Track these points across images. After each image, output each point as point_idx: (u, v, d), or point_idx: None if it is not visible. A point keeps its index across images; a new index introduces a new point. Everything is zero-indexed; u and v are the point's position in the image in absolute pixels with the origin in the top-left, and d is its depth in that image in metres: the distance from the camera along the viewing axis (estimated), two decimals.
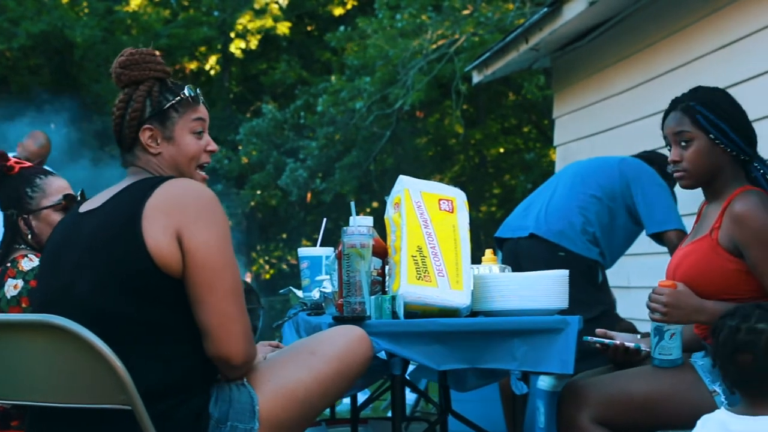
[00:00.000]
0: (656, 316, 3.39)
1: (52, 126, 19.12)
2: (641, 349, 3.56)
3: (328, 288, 3.61)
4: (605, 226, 5.23)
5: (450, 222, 3.40)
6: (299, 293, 4.09)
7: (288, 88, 24.00)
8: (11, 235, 3.72)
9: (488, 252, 3.90)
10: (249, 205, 22.97)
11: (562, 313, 3.37)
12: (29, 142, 8.41)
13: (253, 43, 24.51)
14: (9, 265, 3.58)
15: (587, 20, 7.67)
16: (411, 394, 6.77)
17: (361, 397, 5.42)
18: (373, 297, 3.23)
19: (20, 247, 3.70)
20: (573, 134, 8.75)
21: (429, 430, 3.97)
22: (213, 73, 25.90)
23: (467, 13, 17.78)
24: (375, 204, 20.63)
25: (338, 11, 24.86)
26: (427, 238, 3.33)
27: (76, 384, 2.66)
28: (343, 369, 2.96)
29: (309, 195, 21.81)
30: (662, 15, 7.10)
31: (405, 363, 3.31)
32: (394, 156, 21.73)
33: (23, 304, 3.47)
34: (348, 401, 5.26)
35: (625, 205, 5.24)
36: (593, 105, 8.32)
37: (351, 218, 3.39)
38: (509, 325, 3.24)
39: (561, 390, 3.54)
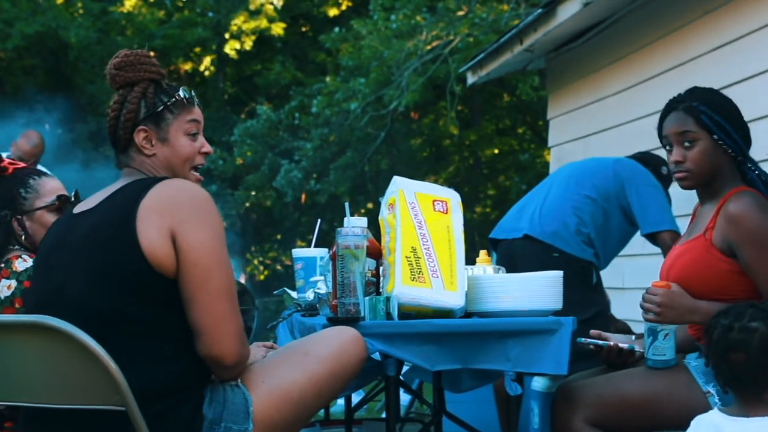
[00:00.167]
0: (650, 317, 3.40)
1: (47, 127, 19.09)
2: (635, 350, 3.56)
3: (323, 289, 3.61)
4: (599, 227, 5.24)
5: (444, 223, 3.40)
6: (293, 294, 4.08)
7: (282, 89, 24.00)
8: (5, 236, 3.71)
9: (482, 253, 3.90)
10: (243, 206, 22.96)
11: (557, 314, 3.37)
12: (22, 142, 8.39)
13: (248, 44, 24.51)
14: (3, 265, 3.57)
15: (582, 21, 7.67)
16: (405, 395, 6.77)
17: (356, 398, 5.43)
18: (367, 298, 3.23)
19: (14, 247, 3.69)
20: (567, 135, 8.75)
21: (423, 431, 3.97)
22: (207, 74, 25.90)
23: (462, 14, 17.80)
24: (370, 205, 20.64)
25: (333, 12, 24.87)
26: (421, 239, 3.33)
27: (70, 385, 2.66)
28: (337, 370, 2.96)
29: (303, 196, 21.80)
30: (656, 16, 7.10)
31: (399, 364, 3.32)
32: (388, 157, 21.73)
33: (17, 305, 3.46)
34: (342, 402, 5.26)
35: (620, 206, 5.24)
36: (588, 106, 8.32)
37: (345, 219, 3.39)
38: (503, 326, 3.24)
39: (555, 391, 3.55)
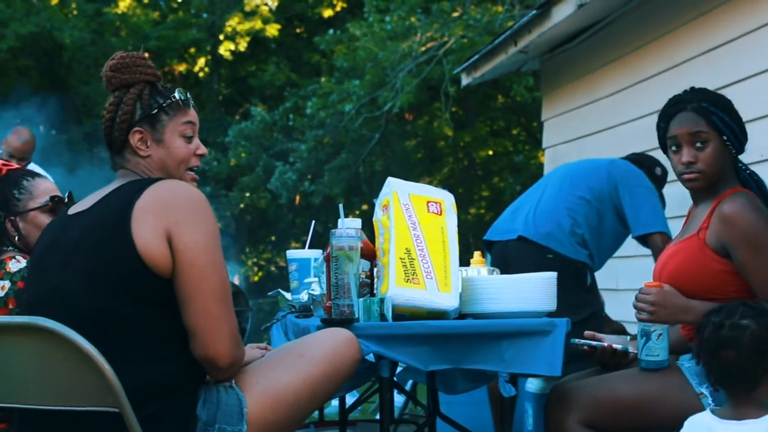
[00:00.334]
0: (643, 316, 3.40)
1: (41, 128, 19.05)
2: (629, 351, 3.57)
3: (317, 290, 3.61)
4: (594, 228, 5.24)
5: (438, 224, 3.40)
6: (288, 295, 4.08)
7: (277, 90, 23.99)
8: None
9: (477, 254, 3.90)
10: (238, 207, 22.95)
11: (551, 315, 3.37)
12: (13, 138, 8.36)
13: (242, 45, 24.50)
14: None
15: (576, 23, 7.68)
16: (399, 397, 6.76)
17: (350, 400, 5.42)
18: (361, 299, 3.23)
19: (7, 248, 3.68)
20: (562, 137, 8.76)
21: None
22: (202, 75, 25.89)
23: (456, 15, 17.80)
24: (365, 207, 20.63)
25: (327, 13, 24.86)
26: (415, 241, 3.33)
27: (64, 386, 2.66)
28: (331, 371, 2.96)
29: (298, 197, 21.79)
30: (650, 18, 7.11)
31: (393, 365, 3.31)
32: (383, 158, 21.73)
33: (10, 306, 3.46)
34: (336, 403, 5.26)
35: (614, 207, 5.24)
36: (582, 107, 8.33)
37: (339, 220, 3.39)
38: (497, 327, 3.24)
39: (549, 392, 3.55)
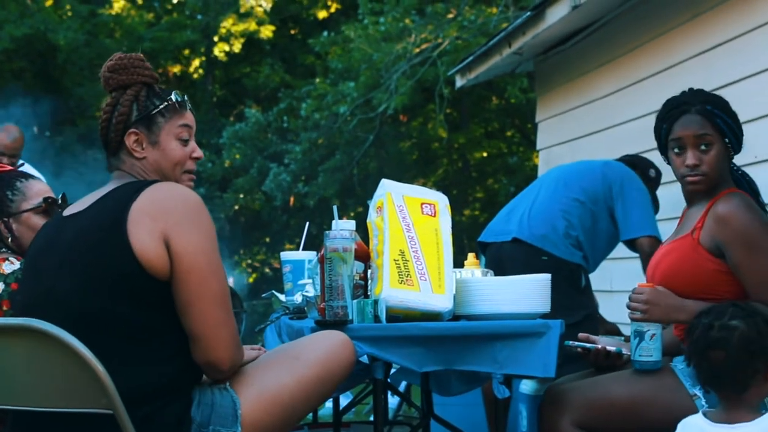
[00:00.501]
0: (636, 315, 3.41)
1: (35, 129, 19.03)
2: (622, 352, 3.57)
3: (311, 292, 3.61)
4: (588, 230, 5.23)
5: (432, 226, 3.40)
6: (282, 297, 4.08)
7: (271, 91, 23.98)
8: None
9: (471, 256, 3.90)
10: (232, 209, 22.94)
11: (545, 317, 3.37)
12: (2, 136, 8.34)
13: (237, 46, 24.49)
14: None
15: (570, 24, 7.68)
16: (393, 398, 6.76)
17: (344, 401, 5.42)
18: (355, 301, 3.23)
19: (1, 250, 3.68)
20: (556, 138, 8.76)
21: None
22: (196, 76, 25.86)
23: (451, 16, 17.81)
24: (360, 209, 20.62)
25: (322, 14, 24.86)
26: (409, 242, 3.33)
27: (58, 388, 2.66)
28: (325, 374, 2.96)
29: (292, 199, 21.78)
30: (645, 20, 7.12)
31: (387, 367, 3.32)
32: (377, 160, 21.73)
33: (4, 308, 3.45)
34: (330, 405, 5.26)
35: (608, 209, 5.24)
36: (576, 109, 8.33)
37: (333, 222, 3.39)
38: (491, 328, 3.25)
39: (543, 394, 3.55)
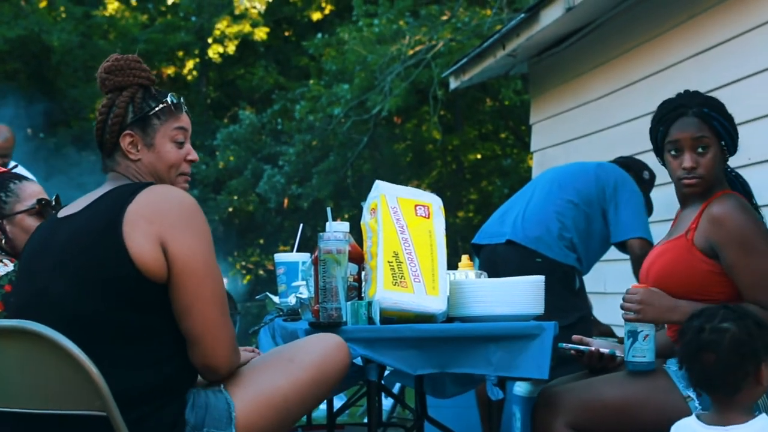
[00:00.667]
0: (630, 315, 3.41)
1: (29, 131, 19.00)
2: (616, 355, 3.57)
3: (305, 294, 3.61)
4: (582, 232, 5.24)
5: (426, 228, 3.40)
6: (275, 299, 4.08)
7: (265, 93, 23.98)
8: None
9: (464, 258, 3.90)
10: (226, 211, 22.93)
11: (539, 318, 3.38)
12: None
13: (231, 48, 24.48)
14: None
15: (564, 26, 7.69)
16: (387, 400, 6.76)
17: (338, 403, 5.42)
18: (349, 303, 3.23)
19: None
20: (550, 140, 8.77)
21: None
22: (190, 78, 25.85)
23: (445, 18, 17.81)
24: (353, 211, 20.61)
25: (316, 16, 24.86)
26: (403, 244, 3.33)
27: (52, 390, 2.66)
28: (320, 377, 2.96)
29: (286, 201, 21.78)
30: (638, 22, 7.13)
31: (381, 369, 3.32)
32: (371, 162, 21.73)
33: None
34: (324, 407, 5.25)
35: (601, 210, 5.24)
36: (570, 111, 8.33)
37: (327, 224, 3.39)
38: (485, 330, 3.25)
39: (537, 396, 3.55)
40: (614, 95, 7.54)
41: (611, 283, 7.17)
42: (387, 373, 3.96)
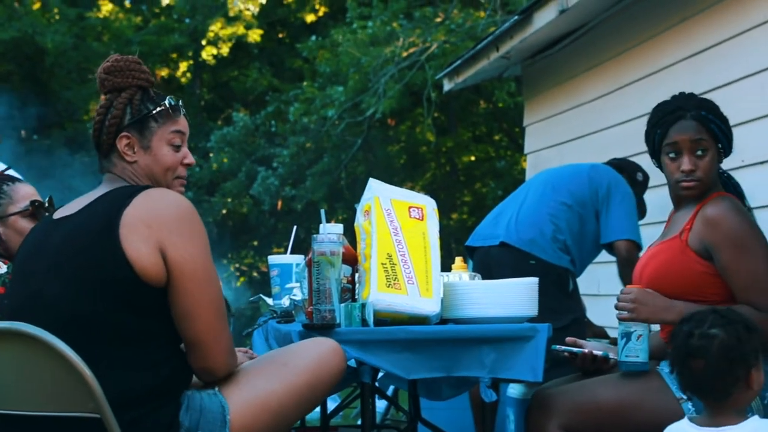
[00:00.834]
0: (624, 315, 3.41)
1: (23, 133, 18.97)
2: (609, 357, 3.57)
3: (298, 295, 3.61)
4: (576, 234, 5.24)
5: (420, 230, 3.40)
6: (269, 301, 4.08)
7: (259, 95, 23.96)
8: None
9: (458, 260, 3.90)
10: (220, 213, 22.90)
11: (532, 320, 3.38)
12: None
13: (225, 50, 24.45)
14: None
15: (558, 29, 7.69)
16: (381, 402, 6.76)
17: (331, 405, 5.42)
18: (342, 304, 3.23)
19: None
20: (544, 142, 8.77)
21: None
22: (184, 80, 25.81)
23: (439, 20, 17.81)
24: (347, 213, 20.60)
25: (310, 18, 24.84)
26: (396, 246, 3.33)
27: (45, 392, 2.66)
28: (315, 381, 2.97)
29: (280, 202, 21.75)
30: (632, 24, 7.13)
31: (375, 371, 3.31)
32: (365, 164, 21.71)
33: None
34: (318, 409, 5.25)
35: (595, 212, 5.25)
36: (564, 113, 8.34)
37: (321, 226, 3.39)
38: (479, 332, 3.25)
39: (530, 398, 3.55)
40: (608, 97, 7.54)
41: (605, 284, 7.17)
42: (381, 375, 3.96)
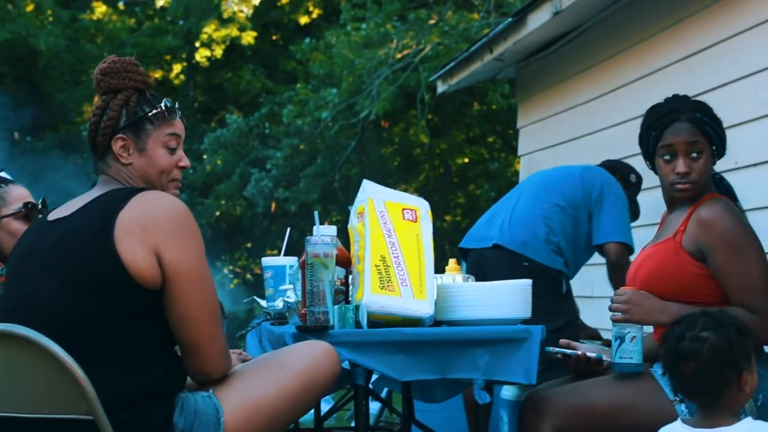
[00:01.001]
0: (618, 316, 3.42)
1: (16, 134, 18.96)
2: (603, 359, 3.58)
3: (292, 297, 3.61)
4: (569, 236, 5.24)
5: (413, 231, 3.40)
6: (263, 303, 4.08)
7: (253, 97, 23.95)
8: None
9: (452, 261, 3.90)
10: (214, 215, 22.88)
11: (526, 322, 3.38)
12: None
13: (218, 52, 24.44)
14: None
15: (551, 30, 7.69)
16: (375, 404, 6.76)
17: (325, 407, 5.41)
18: (336, 306, 3.23)
19: None
20: (537, 144, 8.77)
21: None
22: (177, 82, 25.79)
23: (432, 22, 17.82)
24: (341, 216, 20.59)
25: (304, 20, 24.84)
26: (390, 248, 3.33)
27: (38, 393, 2.66)
28: (309, 384, 2.97)
29: (273, 204, 21.74)
30: (626, 26, 7.14)
31: (368, 373, 3.31)
32: (359, 165, 21.71)
33: None
34: (312, 411, 5.25)
35: (588, 213, 5.25)
36: (557, 115, 8.34)
37: (315, 228, 3.39)
38: (472, 334, 3.25)
39: (524, 400, 3.55)
40: (601, 99, 7.55)
41: (598, 286, 7.17)
42: (375, 377, 3.96)
